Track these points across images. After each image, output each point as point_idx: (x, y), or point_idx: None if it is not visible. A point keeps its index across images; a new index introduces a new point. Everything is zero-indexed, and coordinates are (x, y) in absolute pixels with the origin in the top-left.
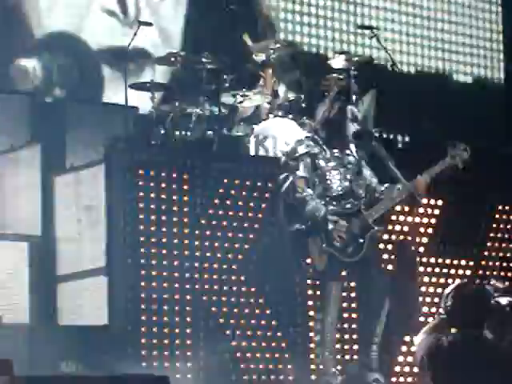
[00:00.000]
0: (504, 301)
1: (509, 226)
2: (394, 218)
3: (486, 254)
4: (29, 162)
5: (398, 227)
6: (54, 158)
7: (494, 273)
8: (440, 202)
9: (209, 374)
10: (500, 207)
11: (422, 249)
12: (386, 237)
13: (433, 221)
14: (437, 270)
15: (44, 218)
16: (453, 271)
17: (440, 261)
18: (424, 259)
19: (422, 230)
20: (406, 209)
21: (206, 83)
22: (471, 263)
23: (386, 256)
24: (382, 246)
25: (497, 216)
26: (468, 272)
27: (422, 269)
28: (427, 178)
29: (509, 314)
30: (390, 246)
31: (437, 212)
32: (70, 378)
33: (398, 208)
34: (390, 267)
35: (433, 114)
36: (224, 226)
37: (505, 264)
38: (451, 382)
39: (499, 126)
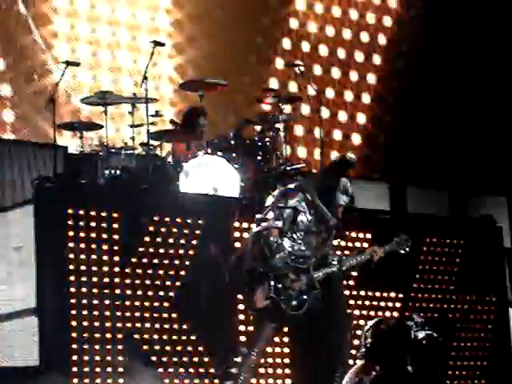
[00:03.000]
0: (421, 334)
1: (436, 258)
2: None
3: (414, 286)
4: None
5: None
6: None
7: (424, 304)
8: (369, 235)
9: None
10: (427, 239)
11: (351, 282)
12: None
13: None
14: (367, 302)
15: None
16: (382, 303)
17: (370, 293)
18: (354, 292)
19: None
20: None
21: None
22: (400, 295)
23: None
24: None
25: (424, 248)
26: (397, 304)
27: (352, 302)
28: (381, 253)
29: (426, 348)
30: None
31: (366, 245)
32: None
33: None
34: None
35: None
36: (155, 264)
37: (433, 295)
38: None
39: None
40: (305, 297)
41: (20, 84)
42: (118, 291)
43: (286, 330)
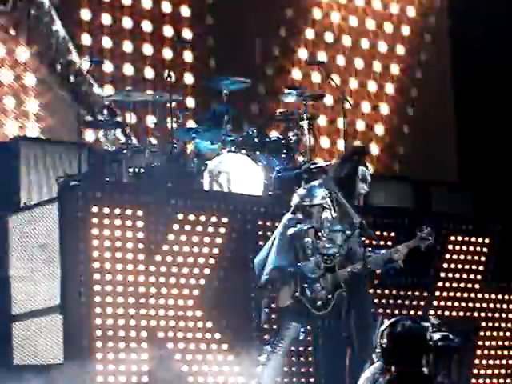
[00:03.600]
0: (437, 336)
1: (462, 257)
2: None
3: (439, 284)
4: None
5: None
6: (8, 197)
7: (448, 303)
8: (393, 234)
9: None
10: (452, 238)
11: (376, 281)
12: None
13: None
14: (391, 301)
15: None
16: (407, 302)
17: (394, 292)
18: (378, 291)
19: None
20: None
21: None
22: (425, 294)
23: None
24: None
25: (450, 247)
26: (422, 303)
27: (376, 300)
28: (405, 249)
29: (441, 350)
30: None
31: (390, 244)
32: None
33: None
34: None
35: None
36: (179, 263)
37: (458, 294)
38: None
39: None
40: (330, 296)
41: (44, 74)
42: (142, 289)
43: (310, 328)
